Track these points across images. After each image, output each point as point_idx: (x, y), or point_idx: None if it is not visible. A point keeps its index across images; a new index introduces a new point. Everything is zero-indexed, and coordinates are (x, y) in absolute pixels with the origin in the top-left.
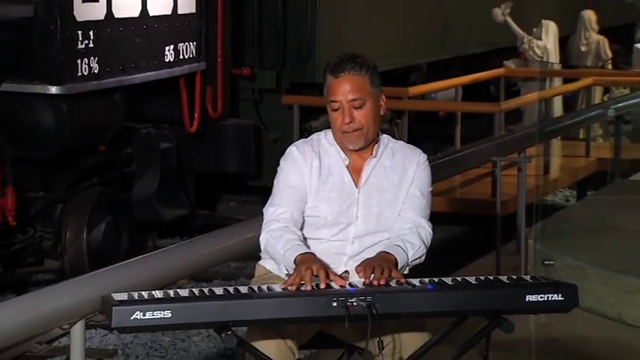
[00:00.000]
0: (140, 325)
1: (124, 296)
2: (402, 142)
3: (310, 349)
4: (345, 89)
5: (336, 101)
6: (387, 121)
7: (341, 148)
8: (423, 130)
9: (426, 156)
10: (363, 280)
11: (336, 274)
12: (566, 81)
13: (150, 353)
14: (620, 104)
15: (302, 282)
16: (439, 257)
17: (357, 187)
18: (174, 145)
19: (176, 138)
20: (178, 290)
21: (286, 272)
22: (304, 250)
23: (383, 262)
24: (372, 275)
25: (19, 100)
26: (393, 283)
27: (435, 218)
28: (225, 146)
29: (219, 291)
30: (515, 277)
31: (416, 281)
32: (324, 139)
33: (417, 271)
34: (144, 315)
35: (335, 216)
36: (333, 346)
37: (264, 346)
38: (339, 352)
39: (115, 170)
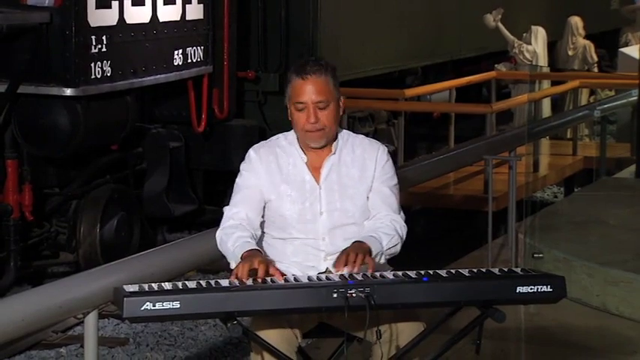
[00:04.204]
0: (150, 315)
1: (134, 288)
2: (362, 136)
3: (312, 337)
4: (310, 90)
5: (301, 102)
6: (385, 121)
7: (301, 147)
8: (419, 130)
9: (385, 149)
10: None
11: (277, 269)
12: (554, 83)
13: (160, 342)
14: (605, 105)
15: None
16: (433, 250)
17: (318, 184)
18: (183, 145)
19: (185, 137)
20: (186, 282)
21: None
22: (252, 247)
23: (355, 249)
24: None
25: (36, 101)
26: (367, 273)
27: (429, 213)
28: (231, 145)
29: (225, 283)
30: (506, 269)
31: (412, 273)
32: (284, 140)
33: (412, 263)
34: (154, 305)
35: (299, 213)
36: (334, 335)
37: (268, 335)
38: (339, 340)
39: (127, 168)
